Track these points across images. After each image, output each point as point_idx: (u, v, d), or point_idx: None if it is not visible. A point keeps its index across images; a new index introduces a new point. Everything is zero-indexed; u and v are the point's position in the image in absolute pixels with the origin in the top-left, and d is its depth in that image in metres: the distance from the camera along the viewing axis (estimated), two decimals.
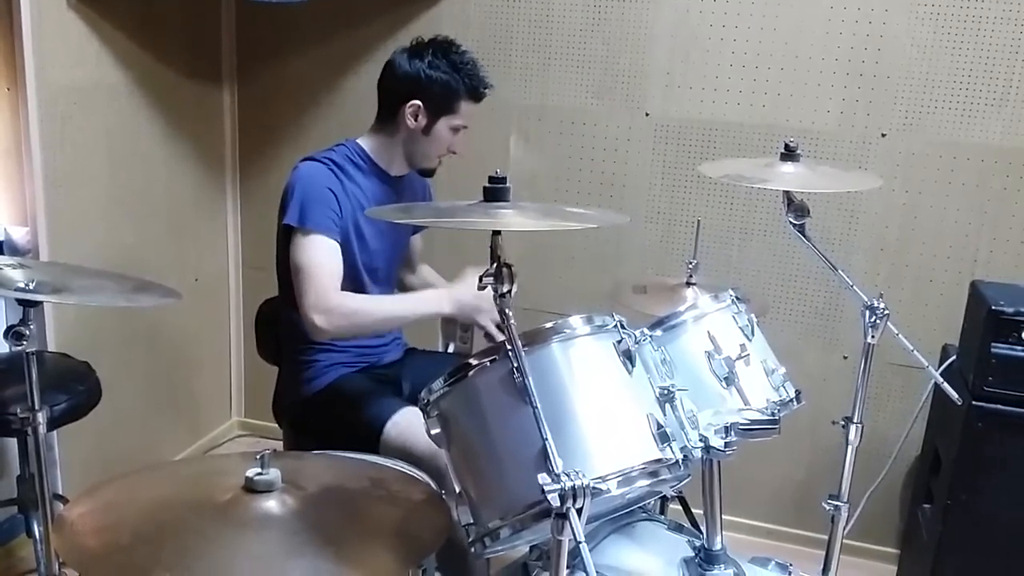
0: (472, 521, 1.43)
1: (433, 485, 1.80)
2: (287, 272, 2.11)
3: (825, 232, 2.74)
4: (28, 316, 1.52)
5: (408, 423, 2.05)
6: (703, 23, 2.76)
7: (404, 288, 2.49)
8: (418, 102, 2.14)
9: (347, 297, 2.06)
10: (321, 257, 2.05)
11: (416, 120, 2.16)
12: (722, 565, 1.71)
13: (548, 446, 1.25)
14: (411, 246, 2.49)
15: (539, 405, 1.29)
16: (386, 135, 2.22)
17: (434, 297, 2.16)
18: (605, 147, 2.93)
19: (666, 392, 1.55)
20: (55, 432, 2.51)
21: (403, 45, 2.20)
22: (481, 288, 1.38)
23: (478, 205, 1.50)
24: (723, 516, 1.74)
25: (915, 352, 1.85)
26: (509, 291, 1.37)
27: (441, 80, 2.13)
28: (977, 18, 2.56)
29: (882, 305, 1.84)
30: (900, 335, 1.85)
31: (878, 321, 1.84)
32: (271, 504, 1.37)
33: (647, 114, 2.87)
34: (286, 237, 2.10)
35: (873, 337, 1.86)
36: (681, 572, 1.72)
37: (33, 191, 2.49)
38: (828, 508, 1.96)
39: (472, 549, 1.44)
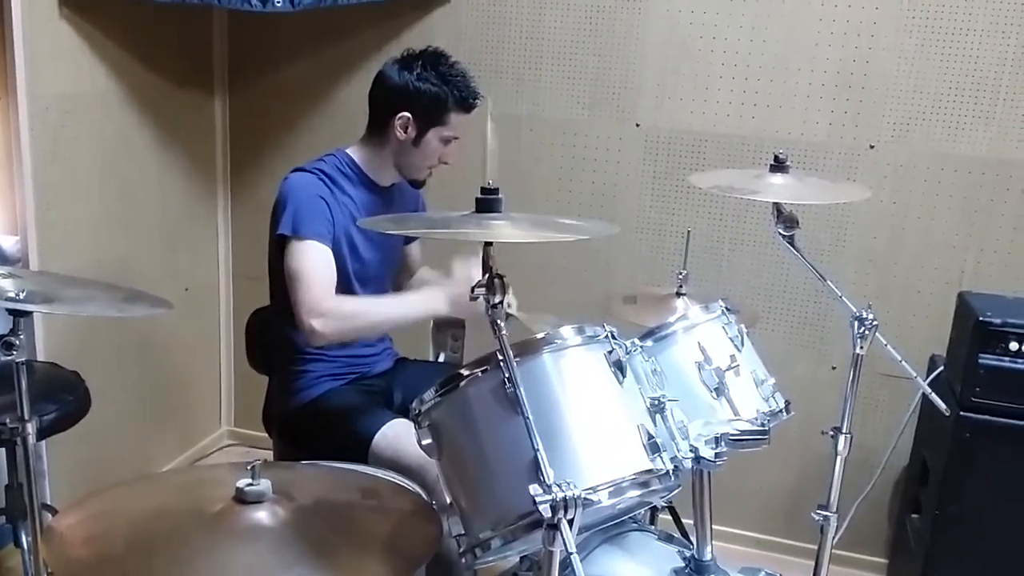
0: (463, 531, 1.43)
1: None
2: (280, 282, 2.11)
3: (814, 243, 2.75)
4: (18, 326, 1.51)
5: (397, 435, 2.05)
6: (693, 35, 2.78)
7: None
8: (407, 114, 2.14)
9: (343, 301, 2.06)
10: (316, 263, 2.05)
11: (406, 132, 2.16)
12: (712, 575, 1.71)
13: (539, 457, 1.25)
14: (409, 256, 2.48)
15: (530, 415, 1.29)
16: (376, 146, 2.22)
17: (429, 299, 2.12)
18: (596, 157, 2.94)
19: (657, 403, 1.55)
20: (44, 442, 2.49)
21: (394, 57, 2.21)
22: (473, 299, 1.39)
23: (470, 216, 1.51)
24: (713, 526, 1.74)
25: (903, 363, 1.86)
26: (501, 302, 1.38)
27: (430, 92, 2.14)
28: (964, 31, 2.58)
29: (871, 316, 1.85)
30: (888, 346, 1.86)
31: (867, 332, 1.85)
32: (262, 515, 1.37)
33: (637, 125, 2.89)
34: (279, 248, 2.10)
35: (862, 348, 1.87)
36: None
37: (23, 200, 2.48)
38: (817, 518, 1.96)
39: (463, 560, 1.44)
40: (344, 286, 2.15)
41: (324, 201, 2.11)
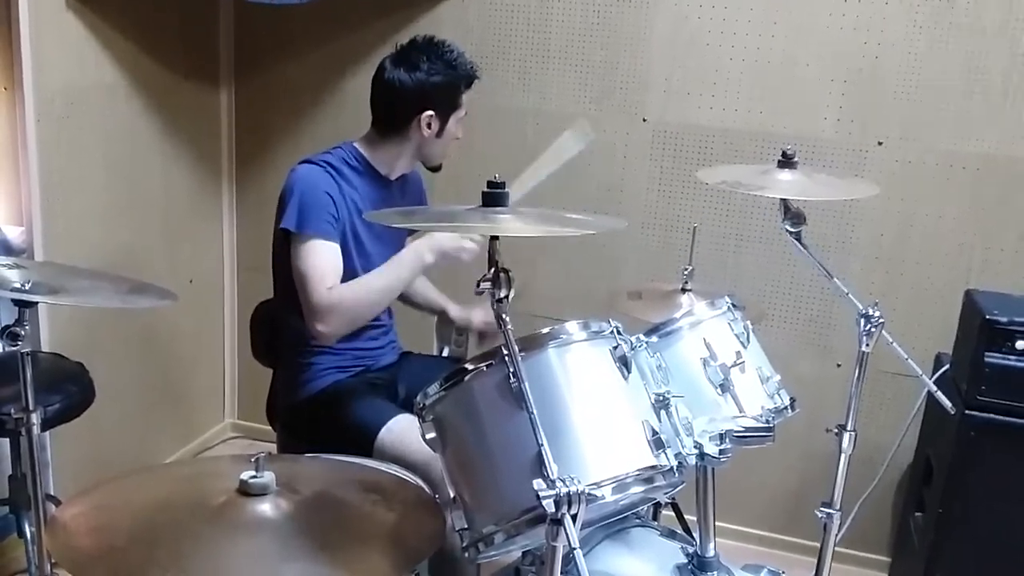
0: (466, 526, 1.43)
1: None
2: (283, 274, 2.11)
3: (821, 240, 2.74)
4: (23, 316, 1.51)
5: (402, 430, 2.05)
6: (701, 29, 2.77)
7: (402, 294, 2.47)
8: (431, 111, 2.16)
9: (340, 292, 2.05)
10: (318, 262, 2.05)
11: (430, 128, 2.17)
12: (715, 572, 1.71)
13: (544, 452, 1.25)
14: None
15: (535, 410, 1.29)
16: (392, 143, 2.21)
17: (415, 251, 2.11)
18: (603, 152, 2.93)
19: (661, 399, 1.55)
20: (47, 433, 2.50)
21: (388, 58, 2.19)
22: (479, 293, 1.39)
23: (476, 210, 1.50)
24: (716, 523, 1.74)
25: (909, 360, 1.85)
26: (506, 296, 1.37)
27: (444, 83, 2.16)
28: (973, 28, 2.57)
29: (877, 313, 1.85)
30: (894, 343, 1.85)
31: (873, 329, 1.85)
32: (265, 507, 1.37)
33: (645, 120, 2.88)
34: (283, 240, 2.10)
35: (867, 345, 1.86)
36: None
37: (29, 191, 2.49)
38: (820, 515, 1.96)
39: (466, 554, 1.44)
40: (350, 280, 2.14)
41: (330, 196, 2.10)
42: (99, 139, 2.72)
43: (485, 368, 1.43)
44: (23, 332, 1.50)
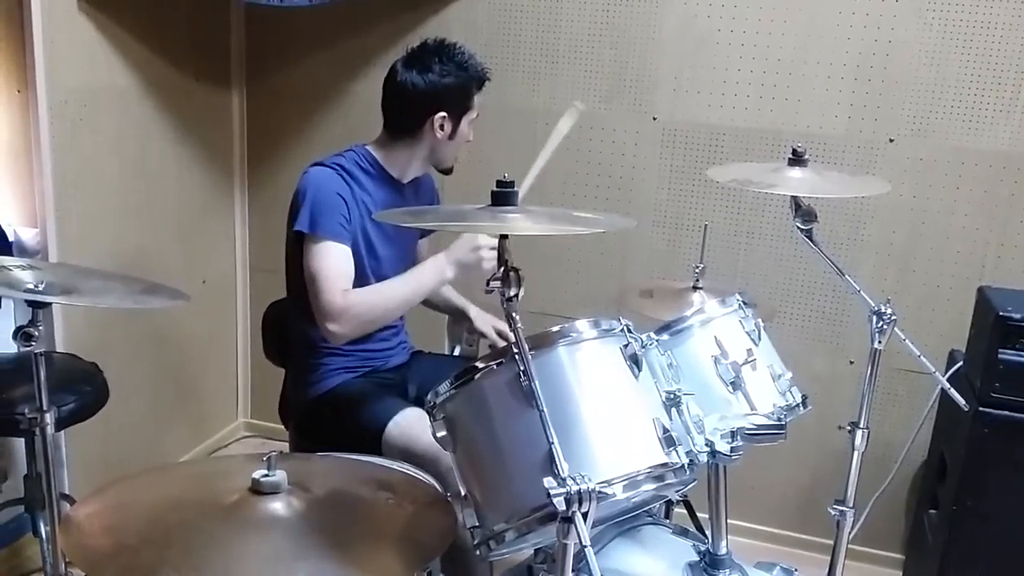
0: (477, 524, 1.44)
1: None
2: (296, 275, 2.12)
3: (832, 237, 2.74)
4: (37, 317, 1.52)
5: (409, 423, 2.05)
6: (711, 27, 2.76)
7: None
8: (443, 113, 2.16)
9: (355, 296, 2.06)
10: (331, 264, 2.05)
11: (443, 129, 2.18)
12: (727, 570, 1.71)
13: (554, 450, 1.25)
14: (418, 253, 2.49)
15: (545, 408, 1.29)
16: (404, 146, 2.22)
17: (435, 267, 2.11)
18: (612, 151, 2.93)
19: (672, 396, 1.55)
20: (62, 432, 2.51)
21: (399, 61, 2.19)
22: (488, 292, 1.39)
23: (486, 209, 1.51)
24: (728, 520, 1.74)
25: (922, 358, 1.85)
26: (516, 295, 1.38)
27: (456, 84, 2.16)
28: (986, 24, 2.56)
29: (889, 310, 1.84)
30: (907, 340, 1.85)
31: (885, 326, 1.84)
32: (277, 506, 1.38)
33: (654, 118, 2.87)
34: (296, 242, 2.10)
35: (880, 342, 1.86)
36: None
37: (43, 193, 2.50)
38: (833, 513, 1.96)
39: (477, 552, 1.44)
40: (361, 283, 2.15)
41: (342, 198, 2.11)
42: (112, 141, 2.73)
43: (495, 366, 1.43)
44: (37, 333, 1.51)
